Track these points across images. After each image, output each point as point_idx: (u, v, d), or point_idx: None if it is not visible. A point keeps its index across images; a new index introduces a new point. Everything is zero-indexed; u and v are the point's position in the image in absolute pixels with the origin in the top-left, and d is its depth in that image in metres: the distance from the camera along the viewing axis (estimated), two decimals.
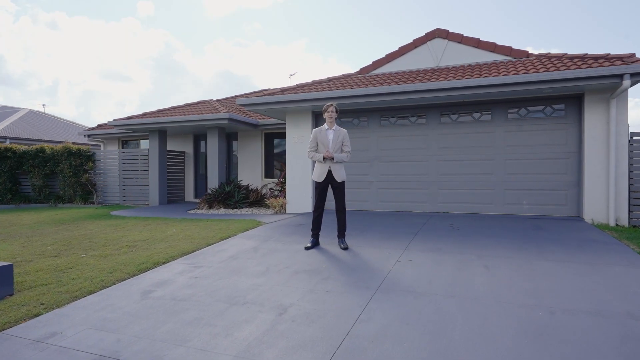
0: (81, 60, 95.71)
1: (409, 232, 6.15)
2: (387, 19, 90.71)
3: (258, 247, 5.40)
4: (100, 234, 6.67)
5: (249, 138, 12.92)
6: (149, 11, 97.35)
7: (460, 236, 5.77)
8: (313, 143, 5.29)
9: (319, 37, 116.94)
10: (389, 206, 8.63)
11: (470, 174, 8.05)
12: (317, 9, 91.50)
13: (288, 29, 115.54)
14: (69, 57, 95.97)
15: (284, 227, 6.87)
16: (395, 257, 4.71)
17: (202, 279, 4.11)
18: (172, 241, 5.86)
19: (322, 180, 5.21)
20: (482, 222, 7.02)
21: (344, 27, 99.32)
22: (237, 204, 10.63)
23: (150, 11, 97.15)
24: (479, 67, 8.35)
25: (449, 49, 9.13)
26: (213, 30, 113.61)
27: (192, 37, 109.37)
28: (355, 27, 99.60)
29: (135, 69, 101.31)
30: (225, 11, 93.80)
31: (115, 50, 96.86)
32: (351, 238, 5.66)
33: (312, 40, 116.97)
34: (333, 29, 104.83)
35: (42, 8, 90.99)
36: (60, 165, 12.49)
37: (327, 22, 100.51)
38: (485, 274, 4.01)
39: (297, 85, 9.27)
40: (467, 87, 7.19)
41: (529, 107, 7.70)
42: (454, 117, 8.24)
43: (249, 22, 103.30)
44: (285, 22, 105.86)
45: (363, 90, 7.90)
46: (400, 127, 8.62)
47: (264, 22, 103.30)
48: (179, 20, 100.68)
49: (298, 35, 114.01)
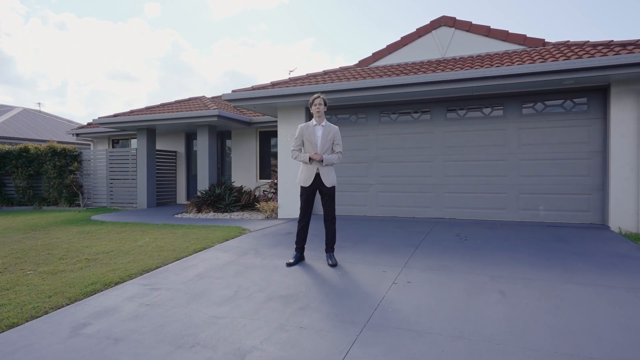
0: (89, 61, 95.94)
1: (410, 243, 5.37)
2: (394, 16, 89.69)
3: (233, 262, 4.66)
4: (64, 244, 5.97)
5: (243, 137, 12.19)
6: (155, 12, 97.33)
7: (469, 249, 4.97)
8: (298, 141, 4.53)
9: (325, 37, 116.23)
10: (389, 211, 7.84)
11: (480, 176, 7.23)
12: (322, 9, 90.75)
13: (294, 29, 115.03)
14: (77, 58, 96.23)
15: (269, 236, 6.12)
16: (391, 277, 3.94)
17: (153, 307, 3.37)
18: (138, 254, 5.14)
19: (309, 185, 4.45)
20: (494, 231, 6.21)
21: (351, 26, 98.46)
22: (227, 208, 9.90)
23: (156, 12, 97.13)
24: (489, 57, 7.53)
25: (456, 38, 8.31)
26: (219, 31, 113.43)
27: (199, 37, 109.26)
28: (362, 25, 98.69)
29: (142, 69, 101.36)
30: (230, 12, 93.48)
31: (122, 51, 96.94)
32: (342, 251, 4.89)
33: (319, 39, 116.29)
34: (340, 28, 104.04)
35: (52, 9, 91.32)
36: (45, 165, 11.86)
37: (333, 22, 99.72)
38: (502, 303, 3.22)
39: (290, 78, 8.52)
40: (477, 78, 6.39)
41: (547, 101, 6.87)
42: (462, 113, 7.43)
43: (255, 22, 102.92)
44: (291, 22, 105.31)
45: (361, 83, 7.12)
46: (402, 124, 7.83)
47: (269, 22, 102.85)
48: (185, 21, 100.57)
49: (304, 34, 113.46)
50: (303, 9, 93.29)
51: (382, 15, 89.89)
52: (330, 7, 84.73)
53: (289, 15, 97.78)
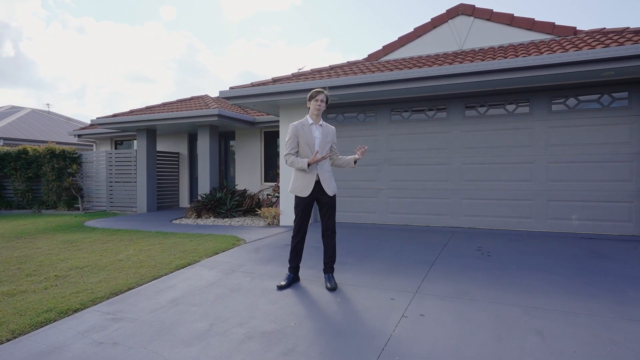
0: (107, 63, 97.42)
1: (424, 259, 4.66)
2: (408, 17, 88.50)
3: (217, 282, 4.02)
4: (41, 256, 5.44)
5: (246, 137, 11.60)
6: (171, 15, 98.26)
7: (493, 269, 4.24)
8: (292, 142, 3.87)
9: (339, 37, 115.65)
10: (401, 219, 7.12)
11: (503, 181, 6.46)
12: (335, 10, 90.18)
13: (307, 30, 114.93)
14: (95, 61, 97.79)
15: (264, 249, 5.47)
16: (401, 306, 3.25)
17: (106, 347, 2.75)
18: (114, 270, 4.55)
19: (308, 195, 3.79)
20: (520, 244, 5.44)
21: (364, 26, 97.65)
22: (228, 213, 9.32)
23: (172, 15, 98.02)
24: (513, 47, 6.74)
25: (475, 28, 7.55)
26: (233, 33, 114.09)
27: (214, 39, 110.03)
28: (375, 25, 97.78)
29: (158, 70, 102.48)
30: (244, 15, 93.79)
31: (139, 53, 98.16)
32: (344, 269, 4.22)
33: (332, 40, 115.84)
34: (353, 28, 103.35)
35: (72, 13, 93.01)
36: (44, 167, 11.47)
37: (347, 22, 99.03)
38: (541, 349, 2.51)
39: (293, 74, 7.87)
40: (501, 70, 5.63)
41: (580, 96, 6.07)
42: (482, 110, 6.67)
43: (268, 24, 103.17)
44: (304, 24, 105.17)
45: (370, 77, 6.42)
46: (415, 123, 7.10)
47: (282, 24, 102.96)
48: (200, 23, 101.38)
49: (318, 35, 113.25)
50: (316, 10, 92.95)
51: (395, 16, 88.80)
52: (343, 8, 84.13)
53: (302, 16, 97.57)
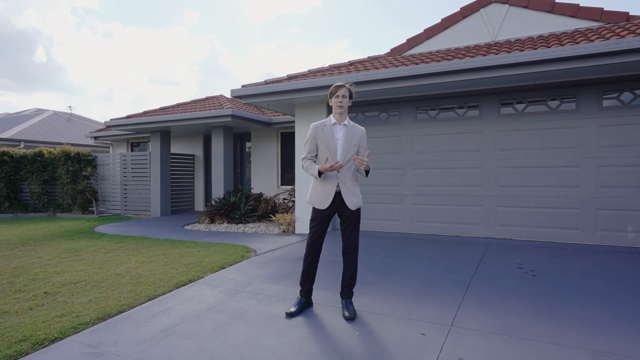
0: (133, 67, 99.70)
1: (457, 279, 4.03)
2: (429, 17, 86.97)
3: (219, 306, 3.51)
4: (38, 268, 5.07)
5: (262, 138, 11.14)
6: (194, 19, 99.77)
7: (542, 294, 3.58)
8: (310, 145, 3.32)
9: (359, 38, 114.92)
10: (428, 228, 6.48)
11: (544, 187, 5.75)
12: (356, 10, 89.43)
13: (328, 31, 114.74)
14: (122, 65, 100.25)
15: (276, 263, 4.94)
16: (434, 346, 2.65)
17: None
18: (108, 287, 4.11)
19: (327, 208, 3.23)
20: (568, 260, 4.73)
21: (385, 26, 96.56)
22: (243, 218, 8.87)
23: (195, 19, 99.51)
24: (555, 37, 6.01)
25: (510, 16, 6.83)
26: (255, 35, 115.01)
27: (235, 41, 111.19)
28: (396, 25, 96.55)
29: (182, 73, 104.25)
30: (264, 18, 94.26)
31: (164, 57, 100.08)
32: (365, 291, 3.64)
33: (353, 40, 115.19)
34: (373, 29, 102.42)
35: (100, 20, 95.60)
36: (59, 170, 11.31)
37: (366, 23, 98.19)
38: None
39: (309, 70, 7.34)
40: (544, 60, 4.93)
41: (637, 90, 5.29)
42: (520, 107, 5.96)
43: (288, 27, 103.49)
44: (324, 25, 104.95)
45: (393, 72, 5.82)
46: (443, 123, 6.45)
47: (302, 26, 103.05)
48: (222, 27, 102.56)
49: (338, 36, 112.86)
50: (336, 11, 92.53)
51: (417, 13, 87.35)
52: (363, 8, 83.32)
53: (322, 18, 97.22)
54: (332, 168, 3.10)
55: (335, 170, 3.13)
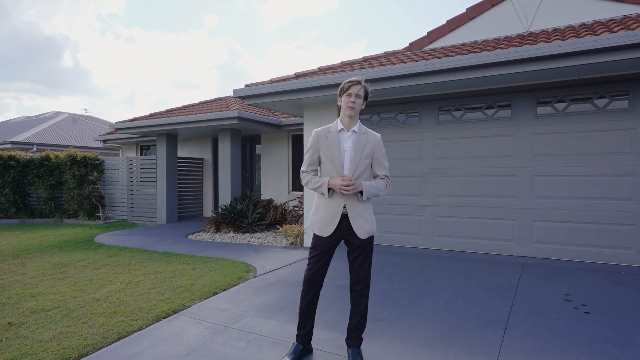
0: (155, 71, 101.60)
1: (492, 316, 3.31)
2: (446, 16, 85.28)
3: (199, 350, 2.89)
4: (18, 287, 4.58)
5: (272, 142, 10.56)
6: (213, 23, 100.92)
7: (604, 341, 2.82)
8: (312, 157, 2.70)
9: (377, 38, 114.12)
10: (452, 244, 5.74)
11: (589, 198, 4.94)
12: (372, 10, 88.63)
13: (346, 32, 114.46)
14: (144, 68, 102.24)
15: (277, 288, 4.31)
16: None
17: None
18: (80, 318, 3.55)
19: (330, 235, 2.57)
20: (626, 289, 3.94)
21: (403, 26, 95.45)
22: (250, 227, 8.29)
23: (214, 23, 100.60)
24: (601, 25, 5.20)
25: (546, 4, 6.04)
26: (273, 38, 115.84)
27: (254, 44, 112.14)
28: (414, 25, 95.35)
29: (202, 76, 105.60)
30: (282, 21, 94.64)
31: (184, 60, 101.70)
32: (378, 330, 2.96)
33: (371, 41, 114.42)
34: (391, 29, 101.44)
35: (124, 25, 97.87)
36: (65, 175, 11.00)
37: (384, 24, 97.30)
38: None
39: (319, 68, 6.69)
40: (591, 50, 4.17)
41: None
42: (561, 107, 5.17)
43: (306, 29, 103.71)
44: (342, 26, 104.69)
45: (412, 67, 5.12)
46: (469, 124, 5.70)
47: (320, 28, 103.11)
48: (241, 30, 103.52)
49: (356, 37, 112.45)
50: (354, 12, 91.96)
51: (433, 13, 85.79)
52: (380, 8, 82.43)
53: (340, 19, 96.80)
54: (348, 186, 2.46)
55: (352, 188, 2.48)
